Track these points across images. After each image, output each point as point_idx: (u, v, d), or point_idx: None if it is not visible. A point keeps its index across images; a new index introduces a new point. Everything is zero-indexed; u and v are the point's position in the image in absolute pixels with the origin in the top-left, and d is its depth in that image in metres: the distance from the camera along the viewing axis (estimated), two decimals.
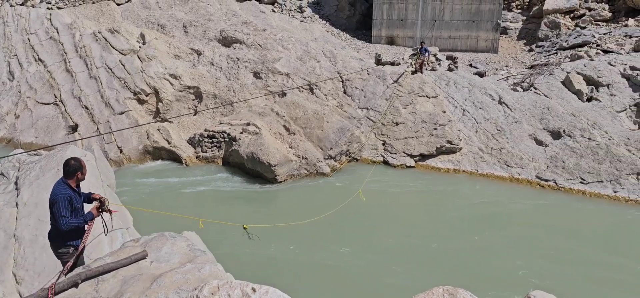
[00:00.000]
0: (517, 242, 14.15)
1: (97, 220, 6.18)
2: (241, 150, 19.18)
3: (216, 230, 12.80)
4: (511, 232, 14.85)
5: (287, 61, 23.52)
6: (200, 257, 5.28)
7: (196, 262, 5.14)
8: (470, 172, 19.34)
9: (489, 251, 13.59)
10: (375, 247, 13.68)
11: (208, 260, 5.21)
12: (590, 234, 14.90)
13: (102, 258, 5.38)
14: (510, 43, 29.28)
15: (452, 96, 21.92)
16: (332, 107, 21.70)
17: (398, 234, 14.52)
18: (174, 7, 29.00)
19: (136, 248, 5.47)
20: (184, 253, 5.33)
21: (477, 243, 14.03)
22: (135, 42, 24.43)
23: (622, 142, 18.62)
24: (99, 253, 7.18)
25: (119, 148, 20.29)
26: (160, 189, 17.54)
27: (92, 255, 7.16)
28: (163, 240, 5.52)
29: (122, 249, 5.50)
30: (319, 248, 13.63)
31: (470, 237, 14.41)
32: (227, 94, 22.64)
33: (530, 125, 20.18)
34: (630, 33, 24.74)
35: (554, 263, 13.01)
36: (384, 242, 13.99)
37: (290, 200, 17.26)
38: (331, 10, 31.33)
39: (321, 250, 13.50)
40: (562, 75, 21.69)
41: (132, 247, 5.50)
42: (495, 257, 13.24)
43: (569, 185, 17.98)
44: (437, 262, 13.00)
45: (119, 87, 22.21)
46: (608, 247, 14.04)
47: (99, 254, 6.96)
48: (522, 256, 13.38)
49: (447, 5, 28.06)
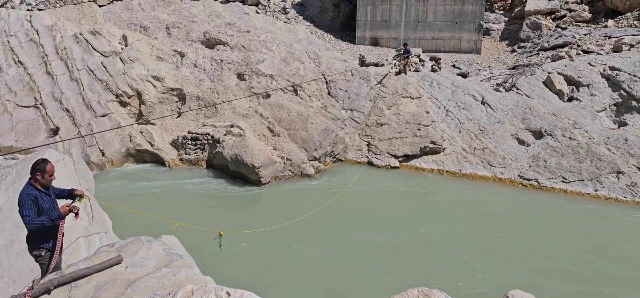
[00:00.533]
0: (497, 242, 14.27)
1: (78, 222, 6.17)
2: (225, 152, 19.09)
3: (199, 234, 12.72)
4: (492, 232, 14.95)
5: (271, 62, 23.47)
6: (176, 261, 5.22)
7: (172, 266, 5.09)
8: (453, 172, 19.44)
9: (468, 251, 13.67)
10: (355, 249, 13.70)
11: (184, 264, 5.16)
12: (569, 233, 15.05)
13: (76, 264, 5.31)
14: (493, 44, 29.51)
15: (435, 97, 22.03)
16: (316, 109, 21.69)
17: (379, 235, 14.55)
18: (157, 9, 28.79)
19: (111, 253, 5.40)
20: (160, 258, 5.27)
21: (457, 244, 14.11)
22: (118, 43, 24.21)
23: (602, 141, 18.86)
24: (76, 258, 7.08)
25: (100, 151, 20.07)
26: (142, 192, 17.39)
27: (68, 260, 7.07)
28: (139, 245, 5.46)
29: (97, 254, 5.42)
30: (302, 250, 13.61)
31: (450, 237, 14.48)
32: (211, 96, 22.52)
33: (512, 125, 20.35)
34: (610, 34, 25.07)
35: (532, 263, 13.15)
36: (365, 244, 14.03)
37: (274, 202, 17.20)
38: (315, 12, 31.33)
39: (304, 252, 13.49)
40: (544, 76, 21.91)
41: (107, 252, 5.43)
42: (475, 257, 13.33)
43: (551, 184, 18.16)
44: (416, 262, 13.06)
45: (101, 90, 21.98)
46: (586, 246, 14.19)
47: (76, 259, 6.87)
48: (501, 256, 13.50)
49: (430, 7, 28.21)
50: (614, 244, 14.32)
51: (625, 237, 14.76)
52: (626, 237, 14.77)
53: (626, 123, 19.47)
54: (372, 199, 17.45)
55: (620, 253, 13.82)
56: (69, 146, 19.14)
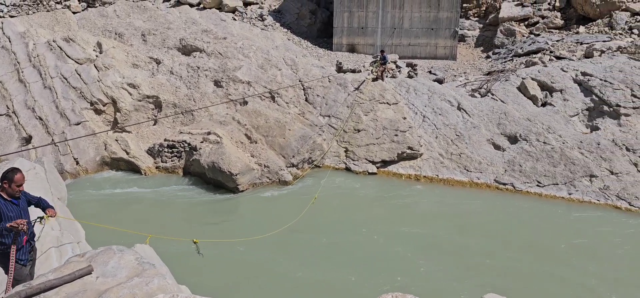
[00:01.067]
0: (471, 246, 14.43)
1: (50, 231, 6.22)
2: (202, 159, 18.94)
3: (175, 242, 12.56)
4: (467, 236, 15.12)
5: (248, 69, 23.39)
6: (149, 271, 5.14)
7: (144, 275, 5.01)
8: (431, 178, 19.60)
9: (443, 255, 13.81)
10: (330, 255, 13.74)
11: (157, 274, 5.09)
12: (542, 235, 15.29)
13: (45, 275, 5.19)
14: (468, 50, 29.91)
15: (412, 103, 22.20)
16: (294, 115, 21.68)
17: (354, 242, 14.61)
18: (132, 16, 28.49)
19: (81, 264, 5.29)
20: (132, 267, 5.19)
21: (431, 248, 14.25)
22: (92, 51, 23.88)
23: (575, 145, 19.21)
24: (47, 269, 6.93)
25: (75, 159, 19.73)
26: (116, 201, 17.14)
27: (39, 271, 6.91)
28: (110, 254, 5.36)
29: (66, 265, 5.31)
30: (277, 258, 13.57)
31: (425, 242, 14.61)
32: (188, 103, 22.34)
33: (488, 131, 20.61)
34: (581, 40, 25.62)
35: (506, 266, 13.33)
36: (339, 250, 14.07)
37: (251, 209, 17.11)
38: (292, 19, 31.36)
39: (279, 260, 13.46)
40: (518, 81, 22.27)
41: (77, 263, 5.32)
42: (449, 262, 13.47)
43: (526, 188, 18.42)
44: (391, 268, 13.12)
45: (75, 97, 21.63)
46: (559, 250, 14.44)
47: (47, 269, 6.72)
48: (476, 260, 13.65)
49: (406, 14, 28.48)
50: (587, 249, 14.58)
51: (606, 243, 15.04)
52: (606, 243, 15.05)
53: (598, 127, 19.88)
54: (349, 206, 17.48)
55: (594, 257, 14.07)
56: (42, 155, 18.78)
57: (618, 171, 18.08)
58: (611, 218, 16.37)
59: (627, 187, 17.56)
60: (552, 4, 29.33)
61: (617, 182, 17.78)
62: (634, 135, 19.06)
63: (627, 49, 22.74)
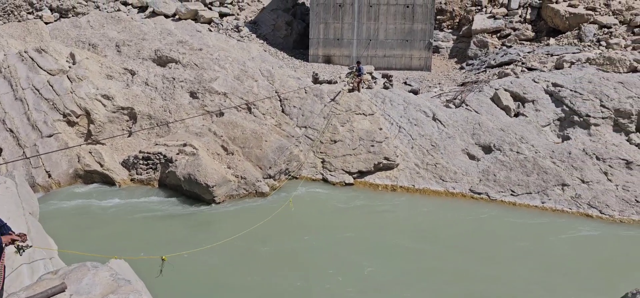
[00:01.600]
0: (444, 256, 14.71)
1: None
2: (178, 171, 18.76)
3: (153, 257, 12.39)
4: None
5: (225, 80, 23.31)
6: (124, 287, 5.07)
7: (119, 292, 4.94)
8: (407, 188, 19.75)
9: (414, 267, 14.07)
10: (304, 265, 13.96)
11: (133, 290, 5.02)
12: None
13: (16, 294, 5.07)
14: (443, 61, 30.33)
15: (388, 113, 22.39)
16: (271, 126, 21.65)
17: (329, 252, 14.79)
18: (106, 26, 28.15)
19: (54, 281, 5.19)
20: (107, 284, 5.11)
21: (405, 259, 14.48)
22: (65, 62, 23.49)
23: (547, 155, 19.61)
24: (18, 287, 6.76)
25: (47, 172, 19.34)
26: (89, 215, 16.84)
27: (9, 289, 6.73)
28: (84, 271, 5.27)
29: (39, 282, 5.20)
30: (258, 270, 13.61)
31: (398, 254, 14.82)
32: (163, 115, 22.13)
33: (462, 141, 20.90)
34: (552, 51, 26.24)
35: (476, 274, 13.64)
36: (313, 260, 14.28)
37: (228, 221, 16.99)
38: (268, 30, 31.39)
39: (257, 271, 13.54)
40: (491, 92, 22.66)
41: (50, 280, 5.22)
42: (424, 273, 13.74)
43: (500, 198, 18.71)
44: (364, 279, 13.36)
45: (47, 109, 21.23)
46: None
47: (18, 287, 6.55)
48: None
49: (381, 25, 28.78)
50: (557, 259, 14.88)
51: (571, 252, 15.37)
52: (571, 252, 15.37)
53: (569, 137, 20.34)
54: (327, 216, 17.52)
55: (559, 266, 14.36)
56: (12, 168, 18.35)
57: (589, 180, 18.50)
58: (572, 225, 16.87)
59: (598, 195, 17.98)
60: (523, 17, 30.00)
61: (588, 191, 18.20)
62: (604, 145, 19.55)
63: (596, 61, 23.36)
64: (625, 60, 22.77)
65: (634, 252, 15.16)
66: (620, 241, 15.87)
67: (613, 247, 15.50)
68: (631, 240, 15.89)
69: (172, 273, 12.69)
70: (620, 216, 17.26)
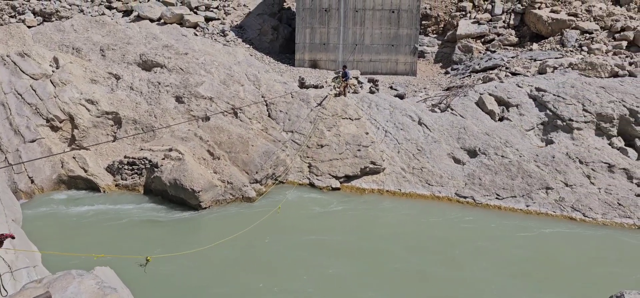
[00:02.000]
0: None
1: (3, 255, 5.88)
2: (163, 176, 18.63)
3: (136, 263, 12.33)
4: (424, 252, 15.50)
5: (211, 85, 23.22)
6: (110, 295, 5.02)
7: None
8: (393, 192, 19.82)
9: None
10: (287, 270, 14.08)
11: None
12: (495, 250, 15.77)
13: None
14: (428, 66, 30.54)
15: (374, 118, 22.48)
16: (257, 131, 21.61)
17: (314, 256, 14.91)
18: (91, 30, 27.90)
19: (38, 290, 5.11)
20: (93, 292, 5.05)
21: (388, 265, 14.61)
22: (48, 66, 23.23)
23: (531, 158, 19.83)
24: (1, 296, 6.66)
25: (30, 178, 19.09)
26: (73, 221, 16.64)
27: None
28: (69, 279, 5.21)
29: (22, 291, 5.12)
30: (244, 275, 13.58)
31: (381, 258, 14.96)
32: (148, 119, 21.97)
33: (448, 145, 21.04)
34: (535, 57, 26.56)
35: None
36: (297, 265, 14.40)
37: (214, 227, 16.92)
38: (254, 34, 31.35)
39: (244, 277, 13.57)
40: (476, 97, 22.86)
41: (34, 289, 5.14)
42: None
43: (486, 201, 18.86)
44: (346, 285, 13.51)
45: (30, 114, 20.97)
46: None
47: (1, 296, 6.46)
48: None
49: (367, 30, 28.91)
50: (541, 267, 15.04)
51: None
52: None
53: (553, 141, 20.58)
54: (313, 221, 17.53)
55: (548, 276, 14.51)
56: None
57: (572, 183, 18.74)
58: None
59: (581, 198, 18.21)
60: (507, 22, 30.34)
61: (571, 194, 18.43)
62: (586, 149, 19.83)
63: (578, 66, 23.70)
64: (606, 65, 23.14)
65: (617, 254, 15.39)
66: (602, 242, 16.12)
67: (597, 248, 15.73)
68: (614, 242, 16.13)
69: (157, 280, 12.61)
70: (603, 219, 17.50)
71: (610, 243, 16.04)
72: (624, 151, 19.93)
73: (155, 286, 12.42)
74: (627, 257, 15.24)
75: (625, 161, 19.44)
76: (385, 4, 28.64)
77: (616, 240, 16.26)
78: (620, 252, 15.51)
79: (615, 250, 15.65)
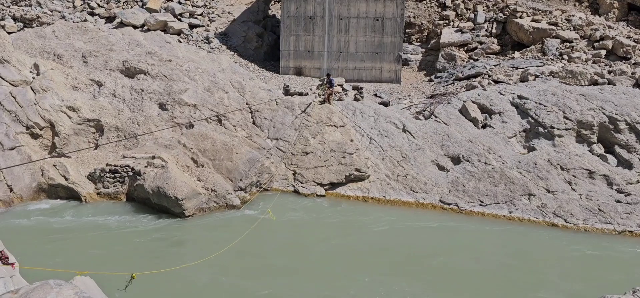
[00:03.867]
0: (411, 268, 14.93)
1: None
2: (146, 184, 18.42)
3: (125, 283, 12.10)
4: (406, 260, 15.53)
5: (195, 92, 23.08)
6: None
7: None
8: (378, 199, 19.86)
9: (383, 280, 14.15)
10: (273, 280, 13.95)
11: None
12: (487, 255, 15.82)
13: None
14: (412, 74, 30.74)
15: (359, 125, 22.52)
16: (242, 138, 21.52)
17: (299, 266, 14.90)
18: (72, 37, 27.57)
19: None
20: None
21: (374, 273, 14.57)
22: (28, 72, 22.87)
23: (514, 165, 20.02)
24: None
25: (8, 186, 18.73)
26: (54, 230, 16.35)
27: None
28: (47, 290, 5.09)
29: None
30: (233, 282, 13.42)
31: (367, 266, 14.90)
32: (131, 127, 21.74)
33: (432, 152, 21.16)
34: (517, 65, 26.87)
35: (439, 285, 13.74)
36: (284, 274, 14.32)
37: (198, 235, 16.76)
38: (239, 42, 31.28)
39: (229, 286, 13.29)
40: (459, 104, 23.03)
41: None
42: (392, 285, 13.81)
43: (469, 208, 18.98)
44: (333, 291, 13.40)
45: (9, 121, 20.61)
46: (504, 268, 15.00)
47: None
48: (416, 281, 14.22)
49: (352, 38, 29.03)
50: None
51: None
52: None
53: (534, 148, 20.81)
54: (297, 230, 17.48)
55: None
56: None
57: (554, 189, 18.95)
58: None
59: (563, 204, 18.42)
60: (489, 31, 30.67)
61: (553, 200, 18.63)
62: (567, 155, 20.07)
63: (559, 74, 24.03)
64: (586, 74, 23.50)
65: (600, 261, 15.58)
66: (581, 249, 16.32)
67: (579, 256, 15.91)
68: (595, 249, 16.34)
69: (142, 292, 12.42)
70: (585, 224, 17.71)
71: (590, 248, 16.27)
72: (603, 158, 20.23)
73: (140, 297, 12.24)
74: (608, 262, 15.43)
75: (605, 168, 19.73)
76: (370, 12, 28.79)
77: (596, 245, 16.48)
78: (601, 257, 15.72)
79: (596, 254, 15.86)
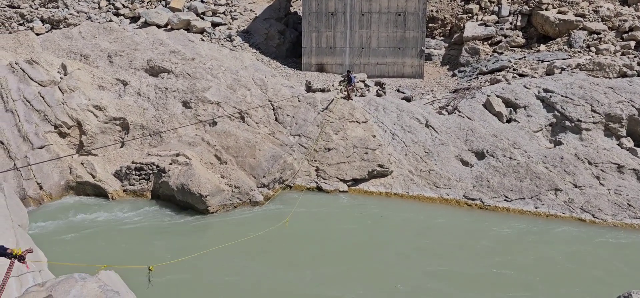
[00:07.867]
0: (440, 265, 14.79)
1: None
2: (171, 181, 18.66)
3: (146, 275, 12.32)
4: (434, 255, 15.40)
5: (217, 90, 23.28)
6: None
7: None
8: (401, 195, 19.74)
9: (404, 276, 14.10)
10: (295, 276, 14.00)
11: None
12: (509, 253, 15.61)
13: None
14: (435, 68, 30.44)
15: (381, 121, 22.41)
16: (264, 135, 21.62)
17: (322, 262, 14.87)
18: (98, 37, 28.08)
19: (41, 294, 5.12)
20: (95, 296, 5.04)
21: (394, 268, 14.53)
22: (56, 73, 23.38)
23: (540, 160, 19.67)
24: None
25: (38, 184, 19.20)
26: (81, 227, 16.70)
27: None
28: (71, 283, 5.20)
29: (25, 295, 5.13)
30: (255, 275, 13.52)
31: (387, 262, 14.84)
32: (156, 125, 22.05)
33: (456, 147, 20.93)
34: (542, 58, 26.37)
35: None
36: (305, 270, 14.34)
37: (222, 231, 16.91)
38: (261, 39, 31.41)
39: (258, 278, 13.41)
40: (483, 99, 22.73)
41: (36, 293, 5.15)
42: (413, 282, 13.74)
43: (494, 203, 18.73)
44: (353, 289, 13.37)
45: (39, 120, 21.11)
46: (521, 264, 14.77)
47: None
48: (434, 277, 13.96)
49: (374, 34, 28.88)
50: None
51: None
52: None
53: (561, 142, 20.41)
54: (322, 225, 17.49)
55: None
56: (2, 180, 18.19)
57: (581, 184, 18.57)
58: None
59: (591, 199, 18.03)
60: (513, 24, 30.16)
61: (580, 195, 18.25)
62: (595, 149, 19.64)
63: (586, 66, 23.50)
64: (614, 66, 22.93)
65: (628, 256, 15.22)
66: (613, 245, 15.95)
67: (606, 248, 15.58)
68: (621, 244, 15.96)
69: (164, 286, 12.60)
70: (613, 220, 17.31)
71: (620, 243, 15.90)
72: (633, 151, 19.71)
73: (163, 291, 12.41)
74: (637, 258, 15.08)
75: (635, 161, 19.23)
76: (392, 7, 28.59)
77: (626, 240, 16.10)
78: (630, 253, 15.36)
79: (623, 250, 15.51)
